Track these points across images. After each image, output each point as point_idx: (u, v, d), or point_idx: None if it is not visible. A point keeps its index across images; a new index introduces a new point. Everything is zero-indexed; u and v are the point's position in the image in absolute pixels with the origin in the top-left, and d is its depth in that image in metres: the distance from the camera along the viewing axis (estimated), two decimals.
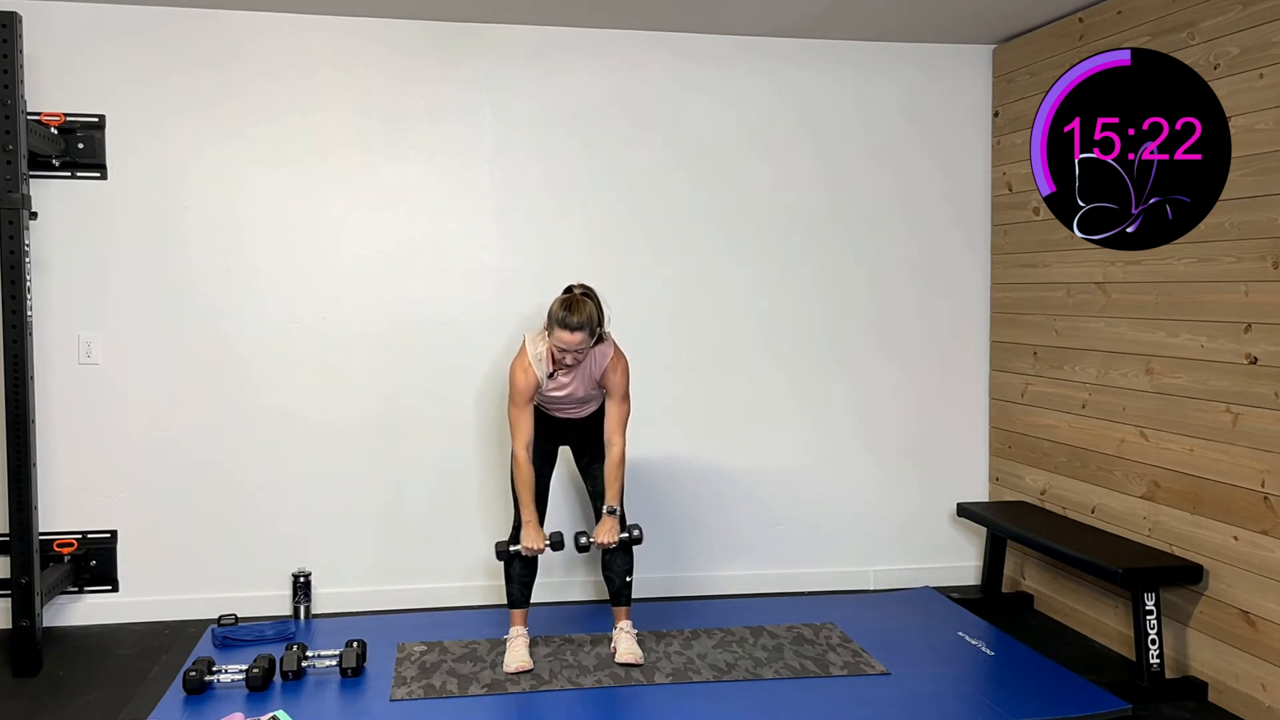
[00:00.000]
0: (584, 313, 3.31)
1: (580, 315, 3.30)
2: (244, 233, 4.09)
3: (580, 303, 3.33)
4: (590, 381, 3.49)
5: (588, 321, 3.31)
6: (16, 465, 3.55)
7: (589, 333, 3.32)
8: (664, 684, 3.38)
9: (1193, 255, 3.41)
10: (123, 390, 4.02)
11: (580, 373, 3.46)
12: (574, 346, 3.31)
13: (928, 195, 4.54)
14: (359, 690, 3.35)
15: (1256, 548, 3.17)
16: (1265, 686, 3.15)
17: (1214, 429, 3.33)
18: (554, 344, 3.34)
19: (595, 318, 3.35)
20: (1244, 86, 3.20)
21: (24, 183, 3.50)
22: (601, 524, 3.51)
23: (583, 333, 3.30)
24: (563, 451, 3.80)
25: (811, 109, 4.44)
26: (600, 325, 3.40)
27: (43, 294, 3.89)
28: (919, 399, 4.58)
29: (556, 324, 3.31)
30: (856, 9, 4.00)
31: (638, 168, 4.33)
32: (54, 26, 3.90)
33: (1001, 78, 4.47)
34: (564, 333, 3.30)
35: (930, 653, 3.69)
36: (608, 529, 3.49)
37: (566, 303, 3.33)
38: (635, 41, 4.29)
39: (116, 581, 4.05)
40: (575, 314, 3.30)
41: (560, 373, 3.44)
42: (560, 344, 3.32)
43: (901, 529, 4.58)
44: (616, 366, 3.48)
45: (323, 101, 4.11)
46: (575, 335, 3.30)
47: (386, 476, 4.22)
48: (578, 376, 3.46)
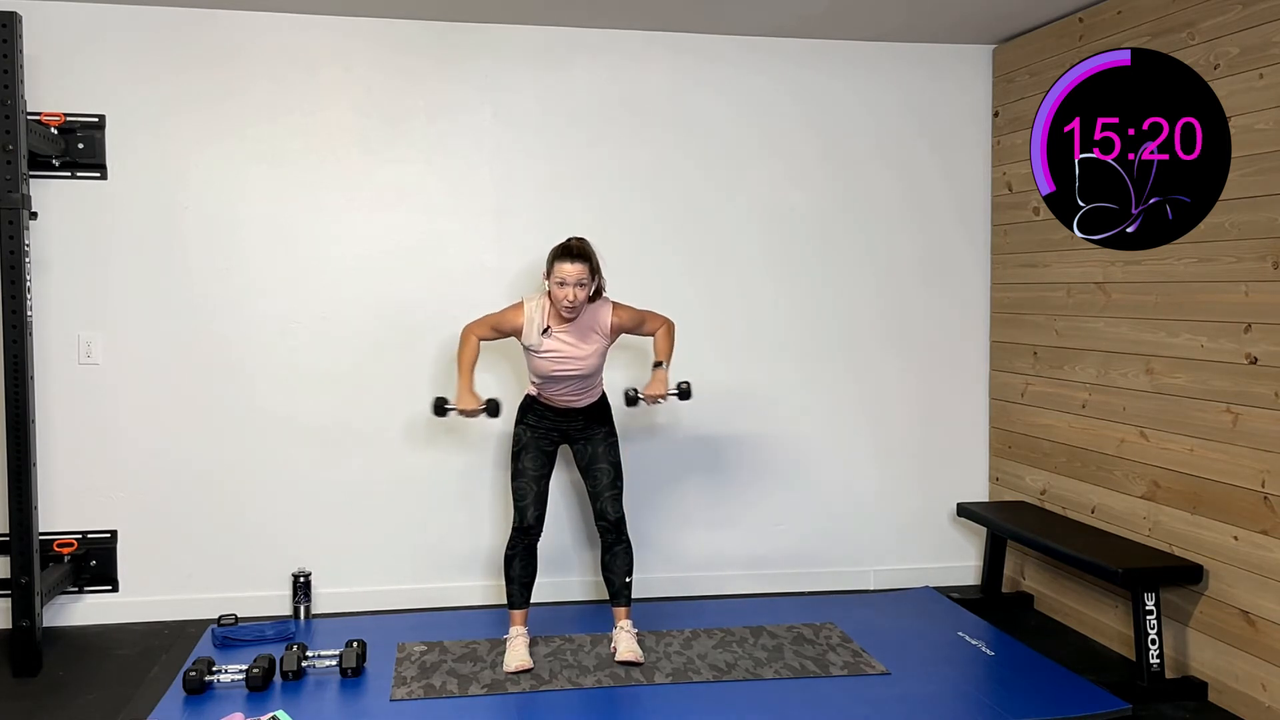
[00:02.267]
0: (583, 248, 3.38)
1: (580, 249, 3.37)
2: (244, 233, 4.09)
3: (579, 241, 3.42)
4: (594, 333, 3.47)
5: (587, 256, 3.37)
6: (16, 465, 3.55)
7: (588, 266, 3.36)
8: (664, 684, 3.38)
9: (1193, 255, 3.41)
10: (123, 390, 4.02)
11: (580, 327, 3.45)
12: (575, 278, 3.33)
13: (928, 195, 4.54)
14: (359, 690, 3.35)
15: (1256, 548, 3.17)
16: (1265, 686, 3.15)
17: (1214, 429, 3.33)
18: (554, 281, 3.37)
19: (593, 257, 3.40)
20: (1244, 86, 3.20)
21: (24, 183, 3.50)
22: (653, 378, 3.58)
23: (582, 264, 3.34)
24: (563, 451, 3.80)
25: (812, 109, 4.44)
26: (597, 270, 3.42)
27: (43, 294, 3.89)
28: (919, 399, 4.58)
29: (556, 259, 3.37)
30: (857, 9, 4.00)
31: (638, 167, 4.33)
32: (54, 26, 3.90)
33: (1001, 78, 4.47)
34: (564, 264, 3.34)
35: (930, 653, 3.69)
36: (659, 381, 3.55)
37: (564, 244, 3.41)
38: (636, 41, 4.29)
39: (116, 581, 4.05)
40: (574, 248, 3.37)
41: (556, 329, 3.43)
42: (560, 277, 3.34)
43: (901, 529, 4.58)
44: (620, 307, 3.53)
45: (323, 101, 4.11)
46: (575, 265, 3.33)
47: (386, 476, 4.22)
48: (573, 334, 3.44)
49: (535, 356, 3.48)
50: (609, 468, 3.60)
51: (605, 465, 3.59)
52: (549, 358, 3.45)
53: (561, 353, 3.45)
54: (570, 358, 3.46)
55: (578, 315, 3.44)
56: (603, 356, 3.54)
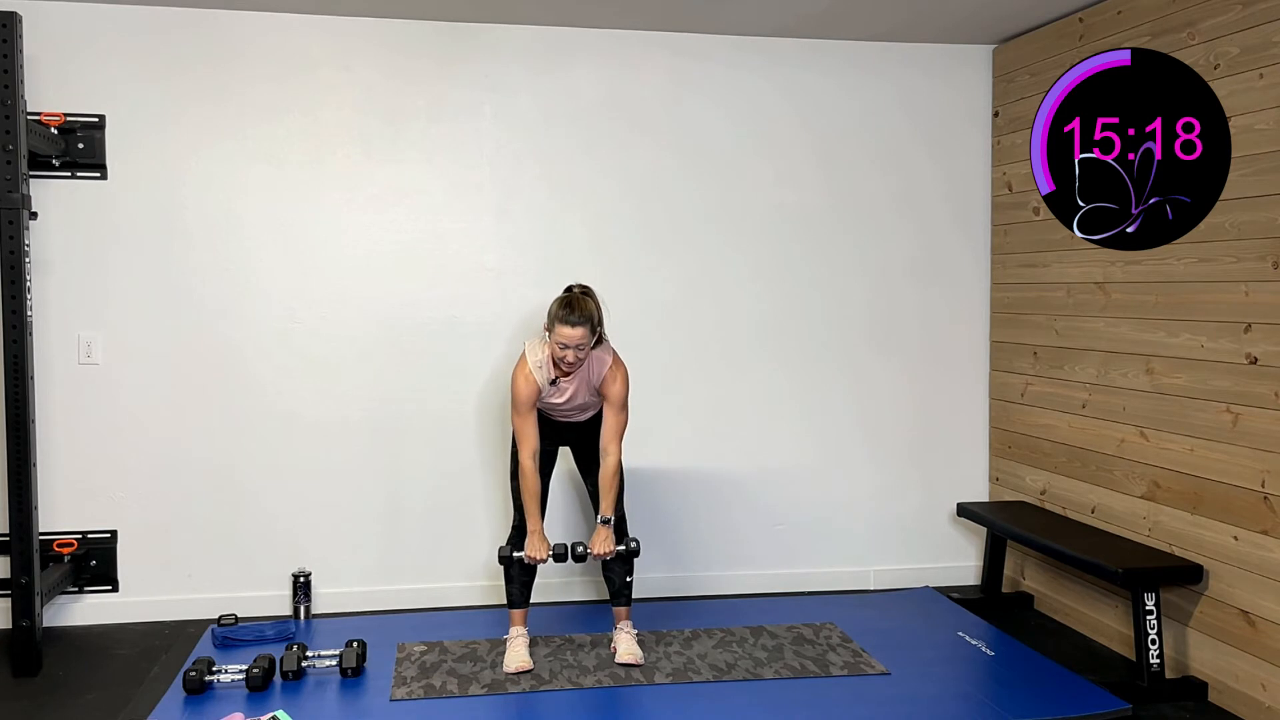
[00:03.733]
0: (584, 309, 3.33)
1: (581, 311, 3.32)
2: (244, 233, 4.09)
3: (580, 300, 3.36)
4: (590, 387, 3.49)
5: (588, 317, 3.33)
6: (16, 465, 3.55)
7: (589, 329, 3.33)
8: (664, 684, 3.38)
9: (1193, 255, 3.41)
10: (123, 390, 4.02)
11: (581, 377, 3.46)
12: (575, 342, 3.32)
13: (928, 195, 4.54)
14: (359, 690, 3.34)
15: (1256, 548, 3.17)
16: (1265, 686, 3.15)
17: (1214, 429, 3.33)
18: (555, 342, 3.35)
19: (595, 315, 3.37)
20: (1244, 86, 3.20)
21: (24, 183, 3.50)
22: (596, 535, 3.51)
23: (583, 328, 3.32)
24: (563, 451, 3.80)
25: (812, 109, 4.44)
26: (600, 324, 3.41)
27: (43, 294, 3.89)
28: (919, 399, 4.58)
29: (557, 321, 3.32)
30: (856, 9, 4.00)
31: (638, 167, 4.33)
32: (54, 26, 3.90)
33: (1001, 78, 4.47)
34: (565, 329, 3.31)
35: (930, 653, 3.69)
36: (602, 540, 3.49)
37: (566, 301, 3.36)
38: (635, 41, 4.29)
39: (116, 581, 4.05)
40: (575, 310, 3.32)
41: (562, 379, 3.44)
42: (561, 340, 3.32)
43: (901, 529, 4.58)
44: (615, 375, 3.48)
45: (323, 101, 4.11)
46: (576, 330, 3.31)
47: (386, 476, 4.22)
48: (579, 380, 3.46)
49: (542, 399, 3.49)
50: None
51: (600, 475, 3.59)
52: (556, 398, 3.48)
53: (567, 392, 3.48)
54: (572, 398, 3.49)
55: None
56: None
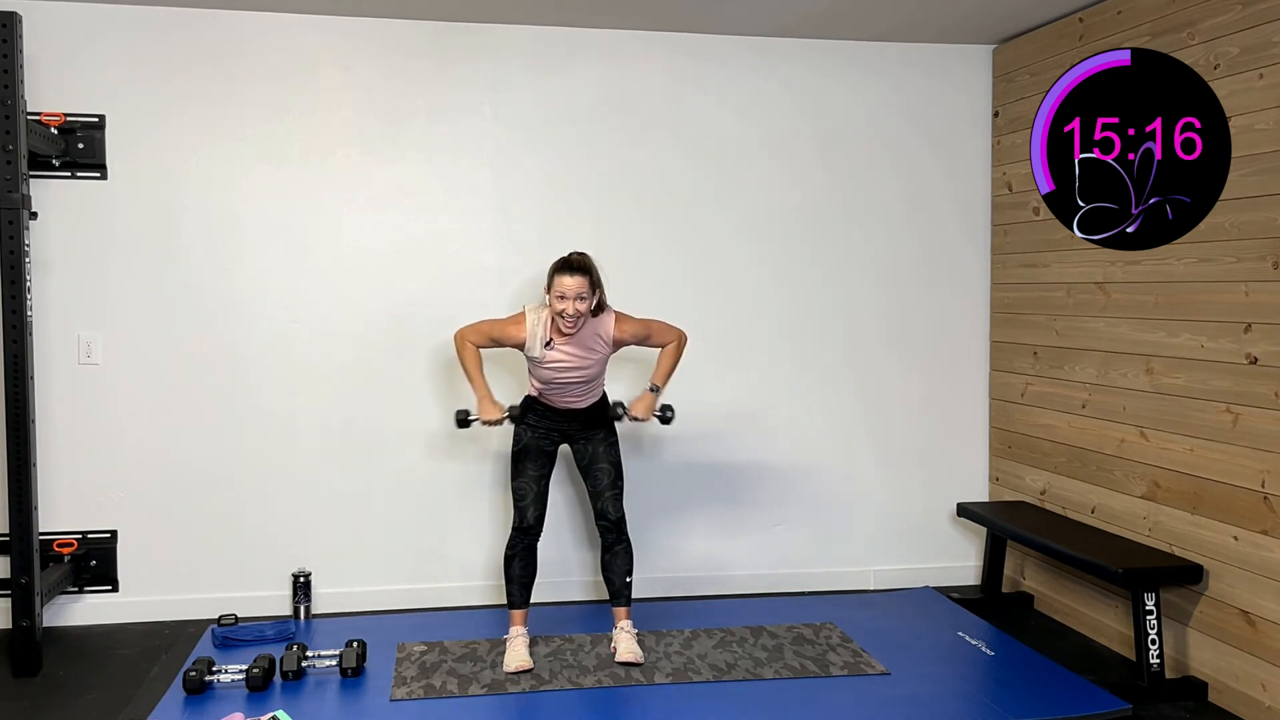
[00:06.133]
0: (583, 260, 3.36)
1: (579, 260, 3.35)
2: (244, 233, 4.09)
3: (579, 254, 3.39)
4: (592, 350, 3.45)
5: (587, 269, 3.34)
6: (16, 465, 3.55)
7: (588, 280, 3.33)
8: (664, 684, 3.38)
9: (1193, 255, 3.41)
10: (123, 390, 4.02)
11: (578, 343, 3.43)
12: (574, 292, 3.31)
13: (928, 195, 4.54)
14: (359, 690, 3.34)
15: (1256, 548, 3.17)
16: (1265, 686, 3.15)
17: (1214, 429, 3.33)
18: (554, 296, 3.35)
19: (594, 270, 3.37)
20: (1244, 86, 3.20)
21: (24, 183, 3.50)
22: (640, 398, 3.60)
23: (581, 277, 3.32)
24: (563, 451, 3.80)
25: (812, 109, 4.44)
26: (599, 284, 3.40)
27: (43, 294, 3.89)
28: (919, 399, 4.58)
29: (555, 271, 3.34)
30: (857, 9, 4.00)
31: (638, 167, 4.33)
32: (54, 26, 3.90)
33: (1001, 78, 4.47)
34: (563, 277, 3.31)
35: (930, 653, 3.69)
36: (645, 405, 3.58)
37: (564, 256, 3.39)
38: (635, 41, 4.29)
39: (116, 581, 4.05)
40: (574, 261, 3.34)
41: (558, 341, 3.42)
42: (560, 291, 3.32)
43: (901, 529, 4.58)
44: (624, 319, 3.49)
45: (323, 101, 4.11)
46: (574, 278, 3.31)
47: (386, 475, 4.22)
48: (577, 347, 3.43)
49: (538, 366, 3.47)
50: (609, 467, 3.60)
51: (606, 465, 3.59)
52: (552, 368, 3.45)
53: (564, 363, 3.44)
54: (573, 368, 3.45)
55: (578, 331, 3.42)
56: (605, 363, 3.53)
